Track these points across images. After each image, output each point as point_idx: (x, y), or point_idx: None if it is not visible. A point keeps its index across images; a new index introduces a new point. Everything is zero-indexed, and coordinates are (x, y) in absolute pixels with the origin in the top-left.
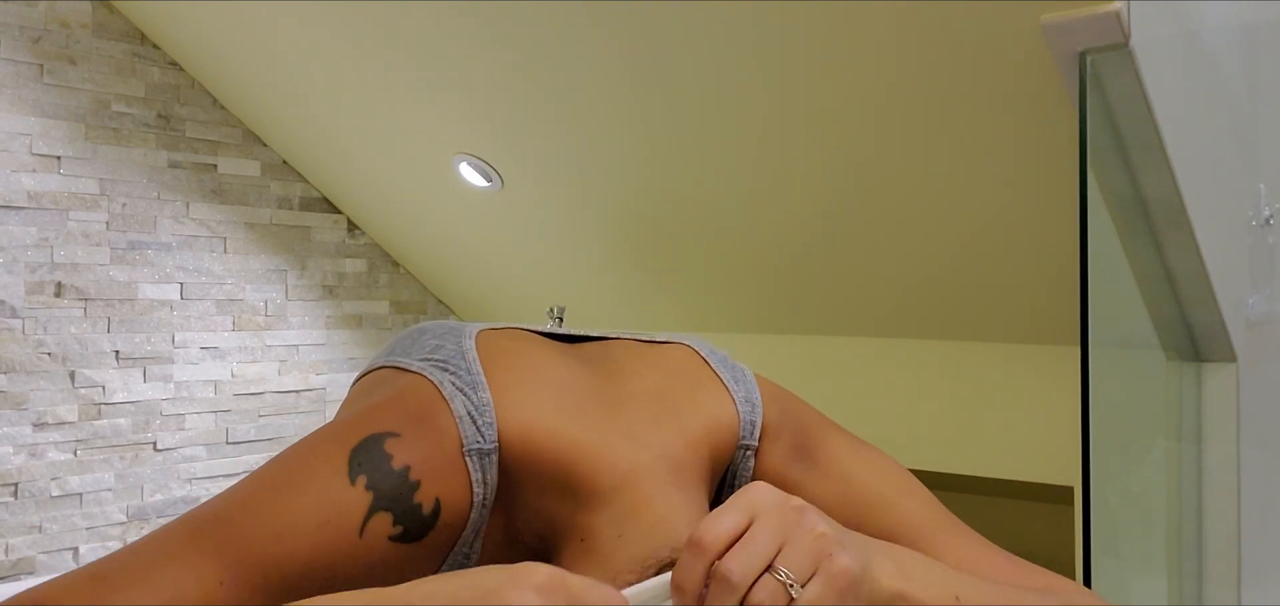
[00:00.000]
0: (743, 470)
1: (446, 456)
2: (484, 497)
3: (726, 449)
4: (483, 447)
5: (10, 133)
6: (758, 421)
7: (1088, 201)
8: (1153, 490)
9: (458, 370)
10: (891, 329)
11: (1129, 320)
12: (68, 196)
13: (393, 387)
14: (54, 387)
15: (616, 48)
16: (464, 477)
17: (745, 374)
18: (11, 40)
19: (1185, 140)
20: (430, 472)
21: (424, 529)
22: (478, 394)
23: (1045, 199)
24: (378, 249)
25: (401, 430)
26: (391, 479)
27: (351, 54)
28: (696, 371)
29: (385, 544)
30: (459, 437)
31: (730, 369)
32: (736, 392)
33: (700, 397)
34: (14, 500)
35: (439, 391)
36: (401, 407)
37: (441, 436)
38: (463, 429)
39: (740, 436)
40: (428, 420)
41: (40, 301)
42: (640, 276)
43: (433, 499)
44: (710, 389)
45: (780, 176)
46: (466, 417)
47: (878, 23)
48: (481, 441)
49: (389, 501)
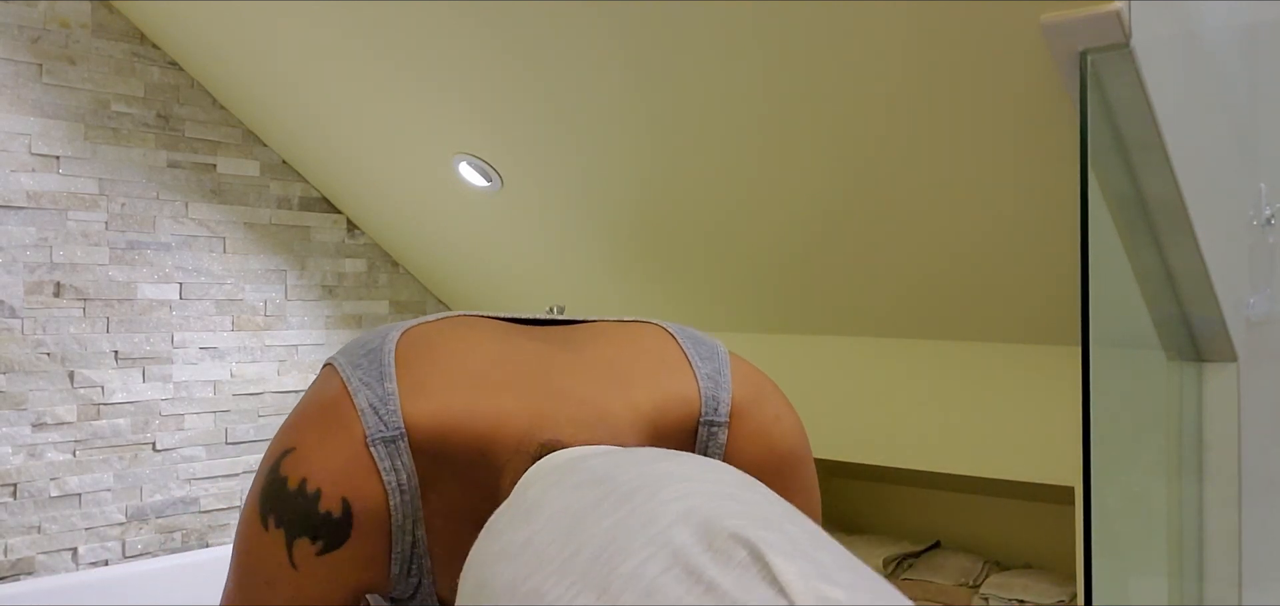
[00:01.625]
0: (712, 448)
1: (350, 452)
2: (398, 483)
3: (682, 422)
4: (386, 435)
5: (9, 132)
6: (723, 398)
7: (1088, 201)
8: (1153, 490)
9: (370, 365)
10: (892, 329)
11: (1129, 320)
12: (67, 196)
13: (309, 392)
14: (53, 388)
15: (617, 48)
16: (371, 469)
17: (716, 351)
18: (11, 40)
19: (1186, 140)
20: (330, 476)
21: (341, 531)
22: (383, 385)
23: (1046, 199)
24: (377, 249)
25: (297, 442)
26: (291, 502)
27: (351, 54)
28: (660, 347)
29: (322, 561)
30: (362, 430)
31: (698, 345)
32: (700, 369)
33: (655, 369)
34: (13, 500)
35: (346, 387)
36: (305, 415)
37: (343, 433)
38: (365, 420)
39: (702, 412)
40: (329, 421)
41: (39, 301)
42: (640, 276)
43: (338, 500)
44: (670, 362)
45: (780, 176)
46: (369, 409)
47: (878, 23)
48: (385, 429)
49: (298, 525)
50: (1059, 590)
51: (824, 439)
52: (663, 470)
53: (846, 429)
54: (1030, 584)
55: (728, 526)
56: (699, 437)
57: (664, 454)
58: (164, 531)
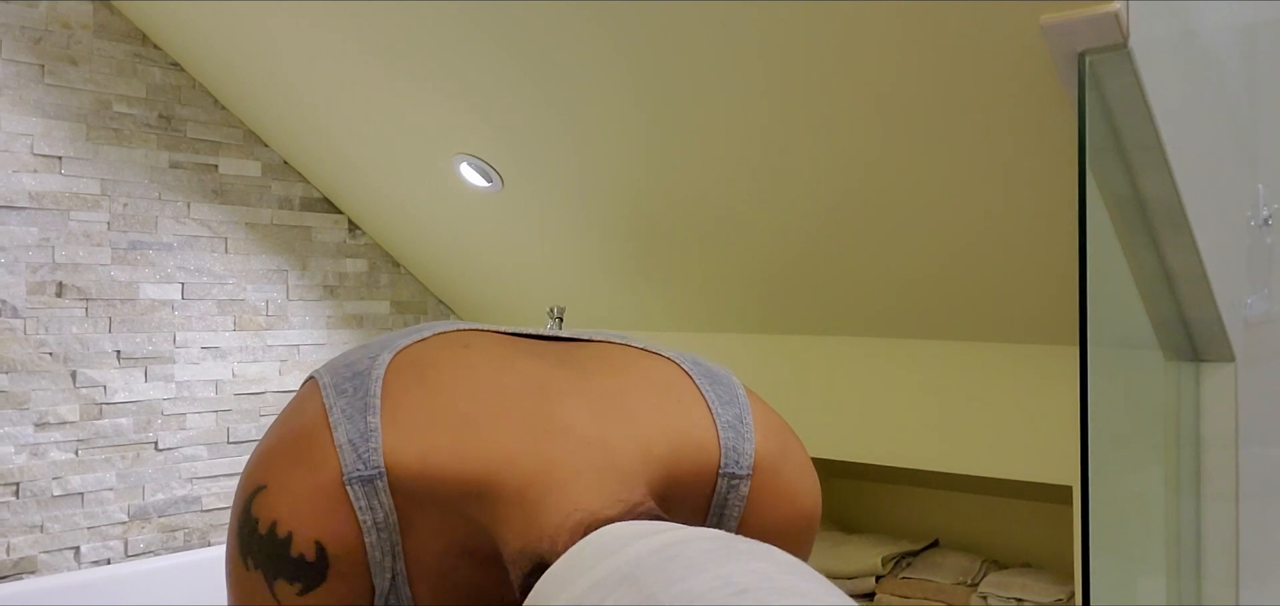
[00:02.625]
0: (732, 501)
1: (322, 492)
2: (375, 522)
3: (699, 472)
4: (364, 474)
5: (12, 133)
6: (746, 450)
7: (1086, 201)
8: (1151, 489)
9: (356, 392)
10: (891, 329)
11: (1128, 320)
12: (69, 196)
13: (288, 412)
14: (55, 387)
15: (617, 48)
16: (345, 508)
17: (735, 394)
18: (13, 41)
19: (1184, 140)
20: (302, 518)
21: (317, 575)
22: (366, 419)
23: (1044, 199)
24: (378, 249)
25: (268, 479)
26: (265, 545)
27: (352, 54)
28: (672, 382)
29: (304, 600)
30: (339, 467)
31: (716, 385)
32: (719, 414)
33: (668, 408)
34: (15, 499)
35: (326, 418)
36: (280, 443)
37: (316, 471)
38: (342, 457)
39: (721, 463)
40: (303, 457)
41: (41, 301)
42: (641, 276)
43: (311, 543)
44: (685, 403)
45: (780, 177)
46: (347, 445)
47: (876, 23)
48: (362, 467)
49: (274, 567)
50: (1057, 589)
51: (823, 439)
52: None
53: (845, 428)
54: (1028, 582)
55: None
56: (717, 490)
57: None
58: (166, 530)
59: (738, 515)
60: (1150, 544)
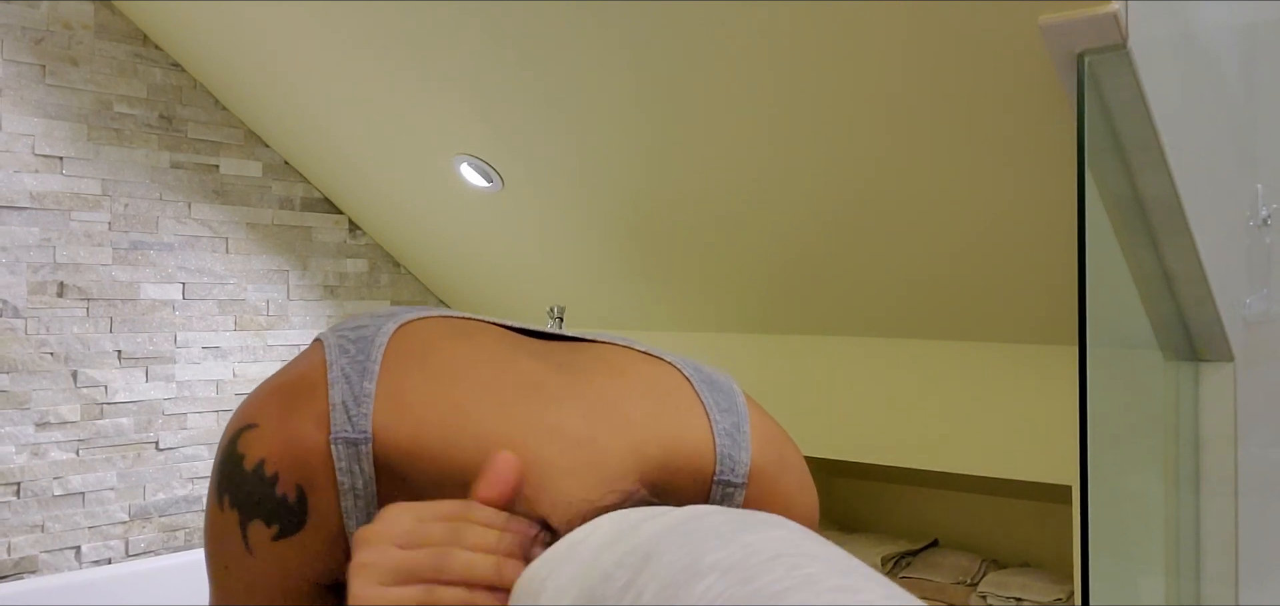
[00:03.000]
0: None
1: (310, 443)
2: (352, 486)
3: (693, 477)
4: (351, 436)
5: (13, 133)
6: (742, 459)
7: (1086, 202)
8: (1151, 489)
9: (358, 355)
10: (891, 329)
11: (1127, 320)
12: (70, 197)
13: (286, 368)
14: (56, 387)
15: (618, 48)
16: (328, 467)
17: (734, 401)
18: (14, 41)
19: (1183, 141)
20: (289, 462)
21: (297, 518)
22: (363, 384)
23: (1043, 199)
24: (379, 249)
25: (262, 419)
26: (248, 482)
27: (352, 55)
28: (670, 385)
29: (276, 548)
30: (329, 424)
31: (714, 390)
32: (717, 420)
33: (663, 411)
34: (16, 499)
35: (325, 375)
36: (276, 390)
37: (309, 422)
38: (334, 416)
39: (717, 470)
40: (298, 405)
41: (43, 301)
42: (641, 276)
43: (294, 487)
44: (682, 407)
45: (780, 177)
46: (340, 405)
47: (876, 24)
48: (350, 430)
49: (253, 507)
50: (1056, 588)
51: (823, 439)
52: None
53: (844, 428)
54: (1028, 582)
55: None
56: (712, 497)
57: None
58: (167, 530)
59: None
60: (1150, 543)
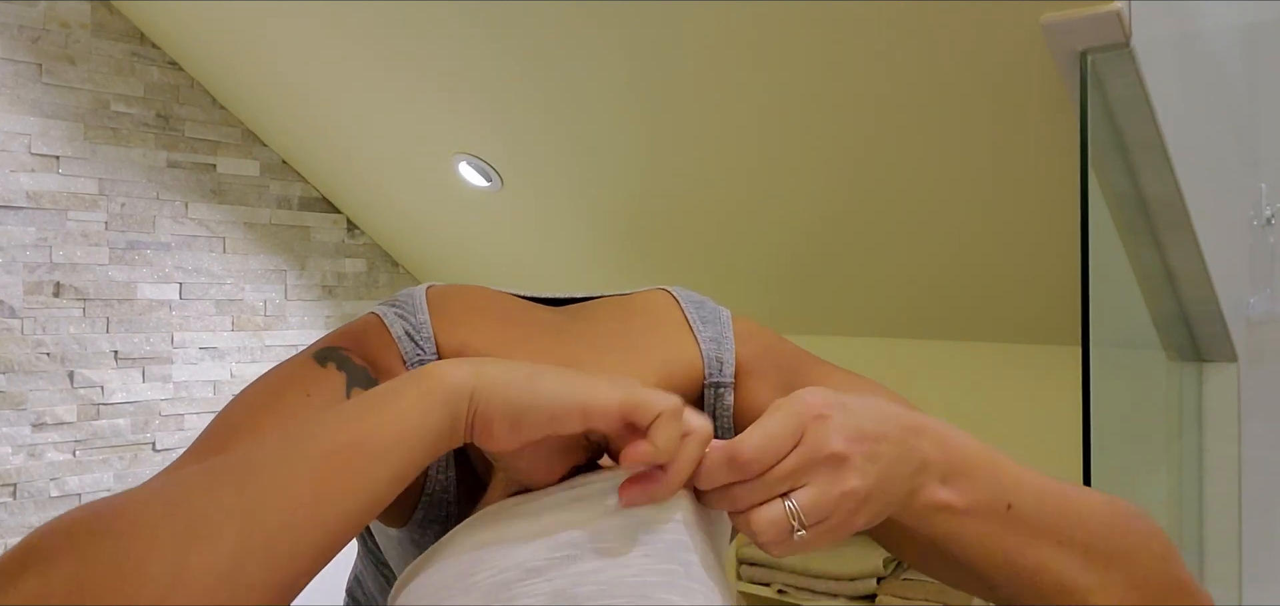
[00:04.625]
0: (719, 408)
1: (387, 368)
2: None
3: (688, 386)
4: (423, 358)
5: (9, 132)
6: (726, 359)
7: (1088, 201)
8: (1154, 490)
9: (404, 304)
10: (892, 329)
11: (1130, 320)
12: (67, 196)
13: (344, 324)
14: (53, 388)
15: (617, 49)
16: None
17: (719, 315)
18: (11, 40)
19: (1186, 140)
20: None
21: None
22: (417, 316)
23: (1046, 199)
24: (377, 249)
25: (351, 346)
26: (356, 369)
27: (351, 54)
28: (665, 315)
29: None
30: (400, 354)
31: (702, 310)
32: (702, 333)
33: (659, 335)
34: (12, 500)
35: (382, 319)
36: (349, 333)
37: (385, 351)
38: (402, 346)
39: (706, 374)
40: (372, 339)
41: (39, 301)
42: (640, 277)
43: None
44: (674, 330)
45: (780, 177)
46: (405, 336)
47: (877, 23)
48: (421, 353)
49: (360, 379)
50: None
51: None
52: None
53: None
54: None
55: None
56: (706, 400)
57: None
58: None
59: (728, 424)
60: None
